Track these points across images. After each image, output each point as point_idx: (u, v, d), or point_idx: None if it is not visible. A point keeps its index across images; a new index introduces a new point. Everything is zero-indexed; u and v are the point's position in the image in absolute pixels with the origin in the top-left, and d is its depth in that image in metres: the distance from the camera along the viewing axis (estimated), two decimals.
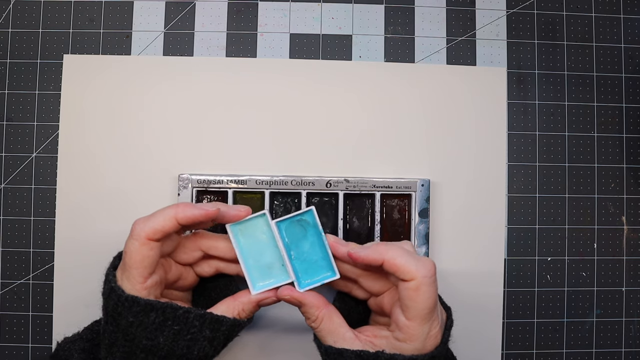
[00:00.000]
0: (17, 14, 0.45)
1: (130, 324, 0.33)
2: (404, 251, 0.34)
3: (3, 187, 0.44)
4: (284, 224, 0.36)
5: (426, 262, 0.33)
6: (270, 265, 0.37)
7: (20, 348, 0.43)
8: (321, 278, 0.36)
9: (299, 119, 0.45)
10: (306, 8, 0.46)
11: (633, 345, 0.45)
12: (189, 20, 0.46)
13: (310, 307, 0.35)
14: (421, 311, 0.33)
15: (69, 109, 0.44)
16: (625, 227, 0.46)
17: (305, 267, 0.36)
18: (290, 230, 0.37)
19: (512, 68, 0.46)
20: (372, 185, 0.43)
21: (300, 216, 0.36)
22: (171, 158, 0.44)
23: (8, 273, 0.44)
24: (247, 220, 0.36)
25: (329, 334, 0.35)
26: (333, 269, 0.36)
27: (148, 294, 0.34)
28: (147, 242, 0.33)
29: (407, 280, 0.33)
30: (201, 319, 0.34)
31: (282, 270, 0.37)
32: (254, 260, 0.36)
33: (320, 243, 0.36)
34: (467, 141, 0.45)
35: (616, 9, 0.47)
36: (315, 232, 0.36)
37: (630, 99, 0.46)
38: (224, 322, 0.35)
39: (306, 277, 0.36)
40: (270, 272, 0.37)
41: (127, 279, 0.34)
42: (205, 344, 0.34)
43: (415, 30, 0.46)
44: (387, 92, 0.45)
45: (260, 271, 0.36)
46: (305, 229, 0.37)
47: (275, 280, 0.36)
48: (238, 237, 0.36)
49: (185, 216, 0.34)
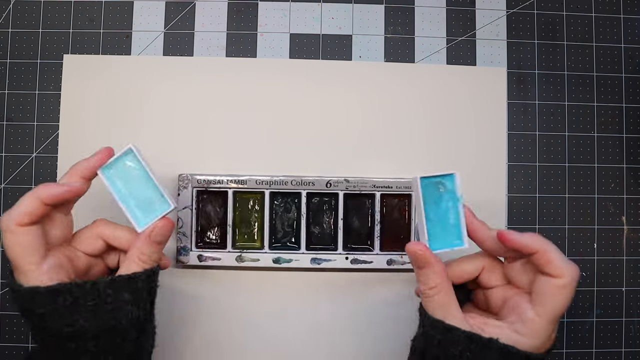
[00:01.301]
0: (17, 14, 0.45)
1: (42, 315, 0.32)
2: (557, 248, 0.33)
3: (3, 187, 0.44)
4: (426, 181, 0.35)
5: (575, 266, 0.32)
6: (150, 200, 0.35)
7: (20, 348, 0.43)
8: (451, 244, 0.35)
9: (299, 119, 0.45)
10: (306, 8, 0.46)
11: (633, 345, 0.45)
12: (189, 20, 0.46)
13: (434, 273, 0.33)
14: (556, 310, 0.32)
15: (69, 109, 0.44)
16: (625, 227, 0.46)
17: (437, 231, 0.35)
18: (430, 189, 0.35)
19: (512, 68, 0.46)
20: (372, 185, 0.43)
21: (442, 178, 0.35)
22: (171, 158, 0.44)
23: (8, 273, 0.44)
24: (116, 160, 0.35)
25: (441, 308, 0.33)
26: (462, 238, 0.35)
27: (50, 279, 0.32)
28: (18, 229, 0.32)
29: (555, 276, 0.32)
30: (112, 284, 0.33)
31: (162, 201, 0.35)
32: (133, 200, 0.35)
33: (455, 210, 0.35)
34: (467, 141, 0.45)
35: (616, 9, 0.47)
36: (452, 198, 0.35)
37: (630, 99, 0.46)
38: (136, 278, 0.33)
39: (436, 241, 0.35)
40: (152, 206, 0.35)
41: (20, 273, 0.32)
42: (130, 308, 0.33)
43: (415, 30, 0.46)
44: (387, 92, 0.45)
45: (142, 208, 0.35)
46: (442, 192, 0.35)
47: (157, 212, 0.35)
48: (112, 180, 0.35)
49: (49, 195, 0.32)
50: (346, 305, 0.44)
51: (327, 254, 0.43)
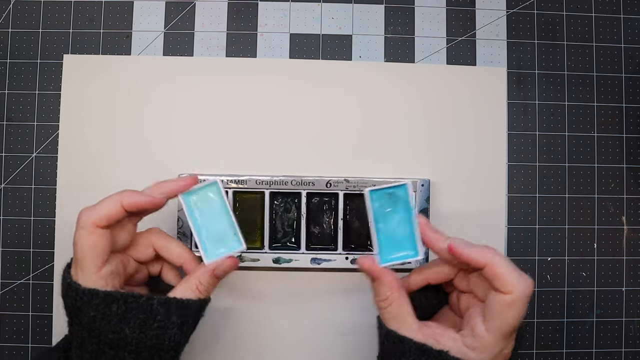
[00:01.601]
0: (17, 14, 0.45)
1: (93, 318, 0.32)
2: (509, 261, 0.32)
3: (3, 187, 0.44)
4: (376, 194, 0.35)
5: (527, 279, 0.32)
6: (222, 234, 0.36)
7: (20, 348, 0.43)
8: (403, 256, 0.35)
9: (299, 119, 0.45)
10: (306, 8, 0.46)
11: (633, 345, 0.45)
12: (189, 20, 0.46)
13: (384, 286, 0.34)
14: (505, 326, 0.31)
15: (69, 109, 0.44)
16: (625, 227, 0.46)
17: (390, 243, 0.35)
18: (381, 202, 0.35)
19: (512, 68, 0.46)
20: (372, 185, 0.43)
21: (393, 189, 0.35)
22: (171, 158, 0.44)
23: (8, 273, 0.44)
24: (199, 189, 0.36)
25: (394, 319, 0.33)
26: (417, 248, 0.34)
27: (105, 284, 0.33)
28: (95, 230, 0.33)
29: (503, 292, 0.31)
30: (166, 304, 0.33)
31: (234, 239, 0.36)
32: (206, 231, 0.36)
33: (409, 220, 0.35)
34: (467, 141, 0.45)
35: (616, 9, 0.47)
36: (406, 208, 0.35)
37: (630, 99, 0.46)
38: (190, 305, 0.34)
39: (388, 253, 0.35)
40: (223, 241, 0.36)
41: (81, 272, 0.33)
42: (175, 331, 0.33)
43: (415, 30, 0.46)
44: (387, 92, 0.45)
45: (213, 241, 0.36)
46: (395, 203, 0.35)
47: (228, 249, 0.36)
48: (191, 208, 0.36)
49: (131, 202, 0.33)
50: (346, 305, 0.44)
51: (327, 254, 0.43)
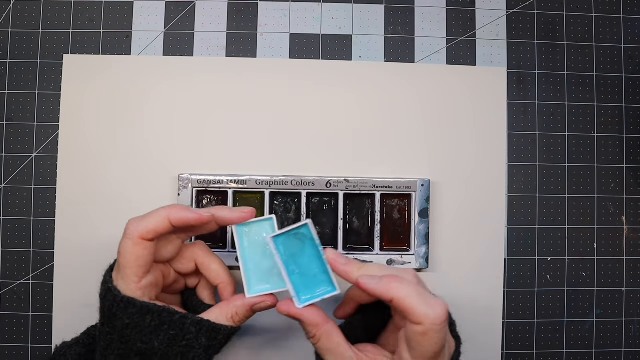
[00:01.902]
0: (17, 14, 0.45)
1: (126, 325, 0.33)
2: (416, 291, 0.31)
3: (3, 187, 0.44)
4: (281, 239, 0.35)
5: (437, 307, 0.31)
6: (269, 271, 0.36)
7: (20, 348, 0.43)
8: (321, 293, 0.35)
9: (299, 119, 0.45)
10: (306, 8, 0.46)
11: (633, 345, 0.45)
12: (189, 20, 0.46)
13: (308, 325, 0.34)
14: (425, 354, 0.31)
15: (69, 109, 0.44)
16: (625, 227, 0.46)
17: (305, 282, 0.35)
18: (288, 244, 0.35)
19: (512, 68, 0.46)
20: (372, 185, 0.43)
21: (296, 230, 0.35)
22: (171, 158, 0.44)
23: (8, 273, 0.44)
24: (254, 222, 0.36)
25: (328, 352, 0.34)
26: (333, 283, 0.35)
27: (143, 294, 0.34)
28: (140, 242, 0.33)
29: (414, 323, 0.31)
30: (198, 325, 0.34)
31: (280, 277, 0.35)
32: (254, 264, 0.36)
33: (319, 256, 0.35)
34: (467, 141, 0.45)
35: (616, 9, 0.47)
36: (313, 245, 0.35)
37: (630, 99, 0.46)
38: (221, 330, 0.35)
39: (305, 292, 0.35)
40: (268, 278, 0.36)
41: (122, 279, 0.34)
42: (201, 352, 0.34)
43: (415, 30, 0.46)
44: (387, 92, 0.45)
45: (258, 276, 0.36)
46: (303, 242, 0.35)
47: (272, 286, 0.36)
48: (242, 238, 0.36)
49: (178, 218, 0.34)
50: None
51: None
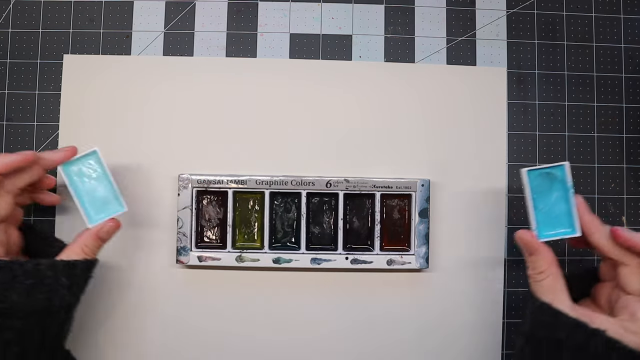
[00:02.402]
0: (17, 14, 0.45)
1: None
2: None
3: None
4: (534, 174, 0.37)
5: None
6: (105, 200, 0.38)
7: None
8: (562, 232, 0.36)
9: (298, 119, 0.45)
10: (306, 8, 0.46)
11: None
12: (189, 20, 0.46)
13: (542, 259, 0.35)
14: None
15: (69, 109, 0.44)
16: None
17: (547, 219, 0.36)
18: (539, 181, 0.37)
19: (512, 68, 0.46)
20: (372, 185, 0.43)
21: (550, 169, 0.37)
22: (171, 158, 0.44)
23: None
24: (79, 158, 0.38)
25: (548, 291, 0.34)
26: (574, 225, 0.36)
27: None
28: None
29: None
30: (53, 267, 0.34)
31: (117, 203, 0.38)
32: (88, 198, 0.38)
33: (565, 199, 0.36)
34: (467, 141, 0.45)
35: (616, 9, 0.47)
36: (563, 187, 0.36)
37: (630, 99, 0.46)
38: (77, 265, 0.35)
39: (546, 229, 0.36)
40: (105, 207, 0.38)
41: None
42: (65, 292, 0.34)
43: (415, 30, 0.46)
44: (387, 92, 0.45)
45: (96, 206, 0.38)
46: (552, 182, 0.37)
47: (110, 212, 0.38)
48: (71, 177, 0.38)
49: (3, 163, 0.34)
50: (346, 305, 0.44)
51: (327, 254, 0.43)
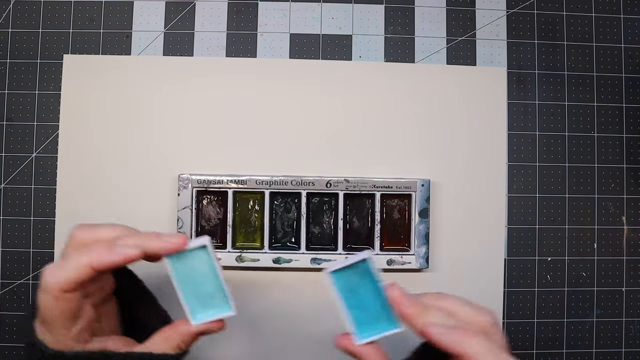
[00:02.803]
0: (17, 14, 0.45)
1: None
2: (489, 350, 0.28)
3: (3, 187, 0.44)
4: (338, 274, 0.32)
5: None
6: (211, 295, 0.34)
7: (20, 348, 0.43)
8: (382, 330, 0.32)
9: (299, 119, 0.45)
10: (306, 8, 0.46)
11: (633, 345, 0.45)
12: (189, 20, 0.46)
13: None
14: None
15: (69, 109, 0.44)
16: (625, 227, 0.46)
17: (365, 317, 0.33)
18: (346, 278, 0.33)
19: (512, 68, 0.46)
20: (372, 185, 0.43)
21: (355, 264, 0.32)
22: (171, 158, 0.44)
23: (8, 273, 0.44)
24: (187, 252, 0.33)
25: None
26: (395, 320, 0.32)
27: (76, 341, 0.30)
28: (62, 295, 0.29)
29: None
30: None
31: (223, 301, 0.33)
32: (193, 290, 0.33)
33: (379, 292, 0.32)
34: (467, 141, 0.45)
35: (616, 9, 0.47)
36: (372, 281, 0.33)
37: (630, 99, 0.46)
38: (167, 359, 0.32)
39: (365, 328, 0.32)
40: (210, 302, 0.34)
41: (49, 332, 0.30)
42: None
43: (415, 30, 0.46)
44: (387, 92, 0.45)
45: (201, 301, 0.33)
46: (361, 276, 0.33)
47: (216, 311, 0.33)
48: (175, 266, 0.33)
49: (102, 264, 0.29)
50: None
51: (327, 254, 0.43)
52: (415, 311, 0.30)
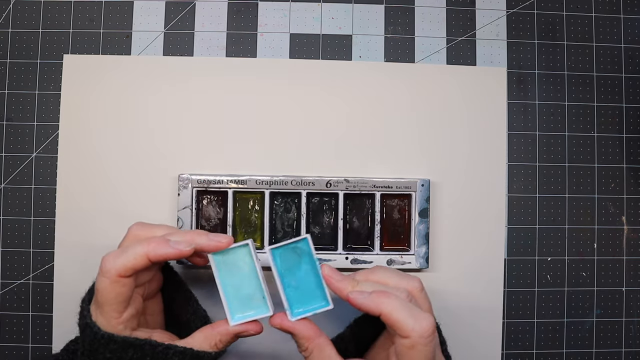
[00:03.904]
0: (17, 14, 0.45)
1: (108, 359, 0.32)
2: (403, 305, 0.32)
3: (3, 187, 0.44)
4: (279, 251, 0.35)
5: (424, 321, 0.31)
6: (250, 296, 0.35)
7: (20, 348, 0.43)
8: (314, 308, 0.35)
9: (299, 118, 0.45)
10: (306, 8, 0.46)
11: (633, 345, 0.45)
12: (189, 20, 0.46)
13: (300, 338, 0.34)
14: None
15: (69, 109, 0.44)
16: (625, 227, 0.46)
17: (299, 295, 0.35)
18: (285, 257, 0.35)
19: (512, 68, 0.46)
20: (372, 185, 0.43)
21: (295, 244, 0.35)
22: (171, 158, 0.44)
23: (8, 273, 0.44)
24: (230, 249, 0.35)
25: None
26: (327, 298, 0.35)
27: (125, 327, 0.33)
28: (118, 280, 0.32)
29: (402, 336, 0.31)
30: (181, 355, 0.33)
31: (262, 302, 0.35)
32: (233, 290, 0.35)
33: (315, 271, 0.36)
34: (467, 141, 0.45)
35: (616, 9, 0.47)
36: (310, 261, 0.36)
37: (630, 99, 0.46)
38: (204, 357, 0.34)
39: (298, 306, 0.35)
40: (250, 303, 0.35)
41: (102, 315, 0.33)
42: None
43: (415, 30, 0.46)
44: (387, 92, 0.45)
45: (240, 302, 0.35)
46: (300, 256, 0.36)
47: (255, 312, 0.35)
48: (219, 266, 0.35)
49: (157, 255, 0.33)
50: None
51: (327, 254, 0.43)
52: (344, 285, 0.34)
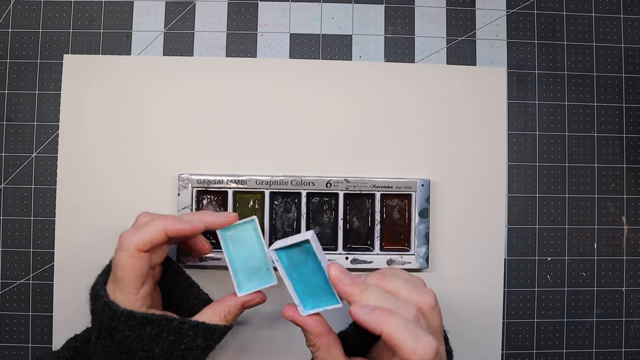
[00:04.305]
0: (17, 14, 0.45)
1: (127, 337, 0.34)
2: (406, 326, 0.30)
3: (3, 187, 0.44)
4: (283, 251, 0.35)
5: (426, 344, 0.29)
6: (256, 269, 0.38)
7: (20, 348, 0.43)
8: (324, 304, 0.35)
9: (299, 119, 0.45)
10: (306, 8, 0.46)
11: (633, 345, 0.45)
12: (189, 20, 0.46)
13: (310, 333, 0.34)
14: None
15: (69, 109, 0.44)
16: (625, 227, 0.46)
17: (310, 291, 0.35)
18: (291, 255, 0.35)
19: (512, 68, 0.46)
20: (372, 185, 0.43)
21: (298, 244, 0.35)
22: (171, 158, 0.44)
23: (8, 273, 0.44)
24: (236, 225, 0.38)
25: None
26: (336, 296, 0.35)
27: (142, 304, 0.35)
28: (137, 254, 0.34)
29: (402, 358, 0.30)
30: (195, 328, 0.35)
31: (267, 274, 0.38)
32: (240, 264, 0.38)
33: (321, 270, 0.35)
34: (467, 141, 0.45)
35: (616, 9, 0.47)
36: (315, 260, 0.35)
37: (630, 99, 0.46)
38: (216, 330, 0.36)
39: (310, 301, 0.35)
40: (256, 275, 0.38)
41: (120, 292, 0.34)
42: (199, 353, 0.36)
43: (415, 30, 0.46)
44: (387, 92, 0.45)
45: (246, 274, 0.38)
46: (306, 254, 0.35)
47: (261, 282, 0.38)
48: (227, 241, 0.38)
49: (174, 229, 0.35)
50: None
51: (327, 254, 0.43)
52: (353, 290, 0.33)
